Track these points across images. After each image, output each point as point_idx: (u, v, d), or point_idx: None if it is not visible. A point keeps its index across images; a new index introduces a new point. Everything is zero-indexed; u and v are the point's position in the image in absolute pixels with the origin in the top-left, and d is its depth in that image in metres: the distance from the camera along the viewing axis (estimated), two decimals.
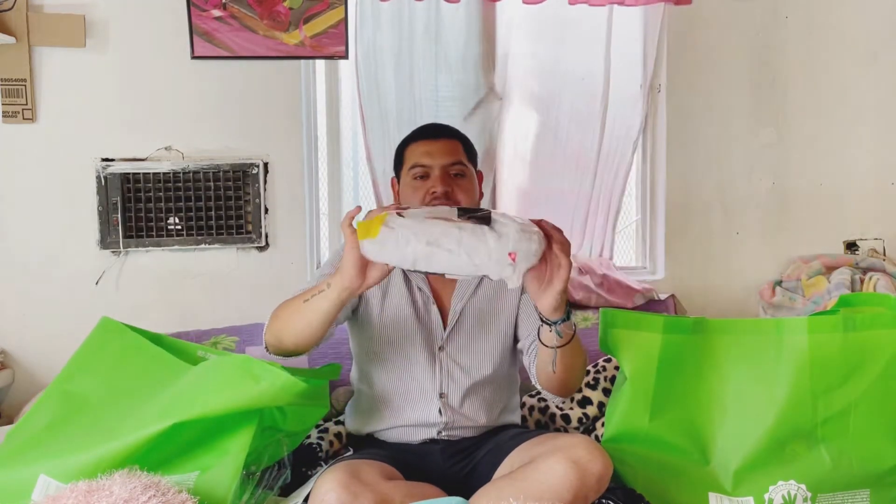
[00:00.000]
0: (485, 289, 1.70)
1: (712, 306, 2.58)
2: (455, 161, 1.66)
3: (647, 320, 1.57)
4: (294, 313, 1.46)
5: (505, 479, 1.40)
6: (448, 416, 1.64)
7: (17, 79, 2.26)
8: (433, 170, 1.64)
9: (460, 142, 1.71)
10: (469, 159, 1.70)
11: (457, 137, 1.72)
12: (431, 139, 1.68)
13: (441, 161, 1.64)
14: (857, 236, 2.65)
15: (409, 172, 1.67)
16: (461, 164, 1.66)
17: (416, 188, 1.65)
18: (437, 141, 1.68)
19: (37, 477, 1.36)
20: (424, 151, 1.66)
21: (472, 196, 1.67)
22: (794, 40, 2.58)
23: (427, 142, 1.68)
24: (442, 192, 1.61)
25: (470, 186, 1.67)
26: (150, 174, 2.33)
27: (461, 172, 1.66)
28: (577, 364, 1.53)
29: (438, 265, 1.32)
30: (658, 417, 1.57)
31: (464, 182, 1.66)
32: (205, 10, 2.29)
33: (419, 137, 1.70)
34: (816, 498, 1.49)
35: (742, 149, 2.60)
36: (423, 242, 1.30)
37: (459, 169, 1.66)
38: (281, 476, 1.48)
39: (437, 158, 1.65)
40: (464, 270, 1.32)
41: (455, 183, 1.64)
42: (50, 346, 2.25)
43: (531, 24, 2.45)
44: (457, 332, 1.67)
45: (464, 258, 1.30)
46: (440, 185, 1.62)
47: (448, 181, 1.63)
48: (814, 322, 1.51)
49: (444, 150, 1.66)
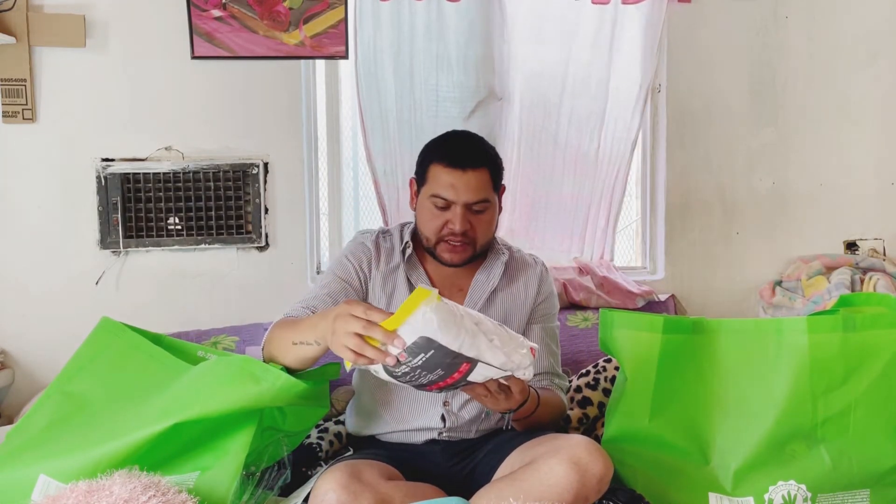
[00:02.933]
0: (497, 305, 1.69)
1: (712, 306, 2.58)
2: (480, 199, 1.59)
3: (646, 320, 1.57)
4: (283, 350, 1.44)
5: (505, 480, 1.40)
6: (451, 421, 1.64)
7: (17, 79, 2.26)
8: (456, 206, 1.59)
9: (488, 168, 1.61)
10: (495, 187, 1.64)
11: (485, 164, 1.61)
12: (459, 169, 1.58)
13: (465, 198, 1.58)
14: (857, 236, 2.65)
15: (430, 199, 1.61)
16: (485, 202, 1.61)
17: (435, 216, 1.61)
18: (464, 172, 1.57)
19: (37, 477, 1.36)
20: (449, 183, 1.57)
21: (491, 227, 1.65)
22: (794, 40, 2.58)
23: (453, 171, 1.58)
24: (460, 232, 1.58)
25: (489, 220, 1.63)
26: (150, 174, 2.33)
27: (484, 209, 1.61)
28: (542, 422, 1.60)
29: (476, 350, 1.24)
30: (658, 417, 1.57)
31: (484, 217, 1.62)
32: (205, 10, 2.29)
33: (447, 162, 1.59)
34: (816, 498, 1.49)
35: (742, 149, 2.60)
36: (472, 322, 1.25)
37: (483, 206, 1.61)
38: (281, 476, 1.48)
39: (462, 195, 1.57)
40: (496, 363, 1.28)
41: (475, 219, 1.61)
42: (50, 346, 2.25)
43: (532, 24, 2.45)
44: None
45: (500, 352, 1.27)
46: (459, 224, 1.58)
47: (468, 220, 1.59)
48: (814, 322, 1.51)
49: (470, 185, 1.57)
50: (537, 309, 1.73)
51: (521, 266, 1.74)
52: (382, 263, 1.68)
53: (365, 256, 1.68)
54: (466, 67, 2.41)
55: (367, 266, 1.68)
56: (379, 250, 1.70)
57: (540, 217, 2.53)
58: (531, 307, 1.72)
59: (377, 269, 1.68)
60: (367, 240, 1.71)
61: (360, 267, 1.67)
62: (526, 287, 1.72)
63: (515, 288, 1.71)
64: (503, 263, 1.70)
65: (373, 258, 1.68)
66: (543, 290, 1.74)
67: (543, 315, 1.74)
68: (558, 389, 1.70)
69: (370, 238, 1.71)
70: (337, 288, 1.63)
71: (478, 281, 1.69)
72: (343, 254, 1.71)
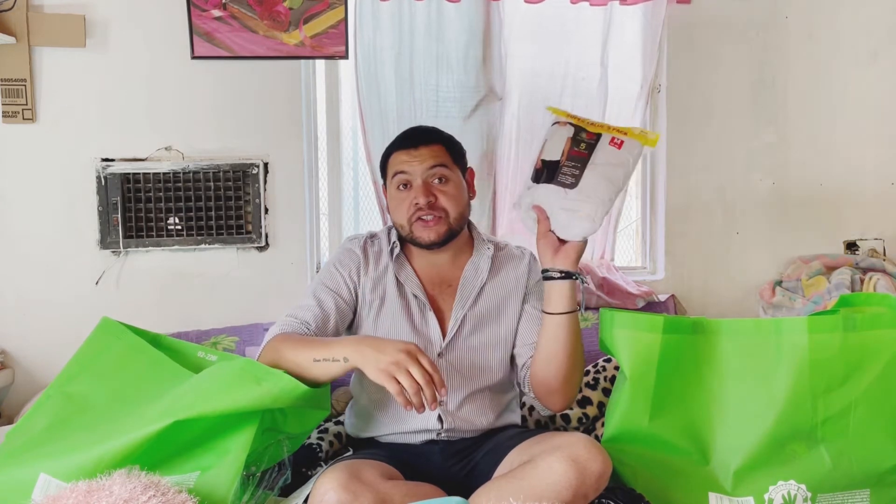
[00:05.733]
0: (487, 296, 1.70)
1: (712, 306, 2.58)
2: (435, 164, 1.63)
3: (646, 320, 1.57)
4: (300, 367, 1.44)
5: (504, 478, 1.40)
6: (448, 422, 1.64)
7: (17, 79, 2.26)
8: (415, 178, 1.63)
9: (442, 144, 1.67)
10: (455, 160, 1.68)
11: (438, 141, 1.68)
12: (411, 148, 1.65)
13: (421, 167, 1.63)
14: (857, 236, 2.65)
15: (393, 182, 1.67)
16: (443, 168, 1.64)
17: (401, 200, 1.64)
18: (417, 149, 1.65)
19: (37, 476, 1.36)
20: (404, 160, 1.65)
21: (459, 200, 1.66)
22: (794, 40, 2.58)
23: (407, 150, 1.65)
24: (425, 203, 1.61)
25: (455, 192, 1.65)
26: (150, 174, 2.33)
27: (444, 177, 1.64)
28: (578, 353, 1.57)
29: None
30: (658, 417, 1.56)
31: (448, 188, 1.64)
32: (205, 10, 2.29)
33: (400, 146, 1.68)
34: (816, 498, 1.49)
35: (742, 149, 2.60)
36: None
37: (441, 173, 1.64)
38: (281, 477, 1.48)
39: (416, 166, 1.63)
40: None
41: (438, 190, 1.63)
42: (50, 346, 2.25)
43: (532, 24, 2.45)
44: (457, 339, 1.67)
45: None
46: (422, 195, 1.61)
47: (430, 190, 1.62)
48: (814, 322, 1.51)
49: (424, 156, 1.64)
50: (531, 291, 1.73)
51: (508, 257, 1.75)
52: (371, 268, 1.69)
53: (353, 264, 1.69)
54: (466, 67, 2.41)
55: (357, 273, 1.69)
56: (367, 255, 1.71)
57: None
58: (524, 290, 1.72)
59: (366, 275, 1.69)
60: (354, 246, 1.72)
61: (349, 276, 1.68)
62: (516, 274, 1.73)
63: (504, 276, 1.72)
64: (489, 258, 1.71)
65: (361, 264, 1.69)
66: (534, 275, 1.74)
67: (537, 295, 1.72)
68: None
69: (358, 244, 1.73)
70: (326, 298, 1.64)
71: (467, 276, 1.70)
72: (331, 262, 1.71)
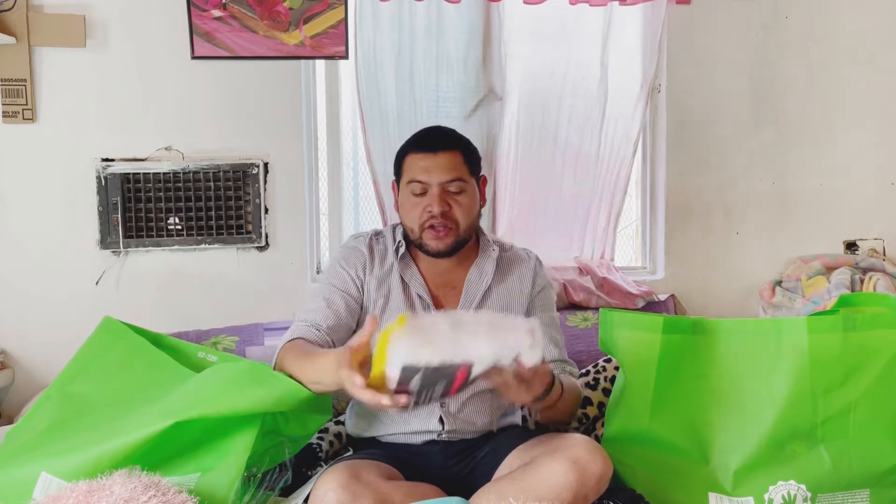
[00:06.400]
0: (492, 300, 1.70)
1: (712, 306, 2.58)
2: (454, 178, 1.63)
3: (646, 320, 1.57)
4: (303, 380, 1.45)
5: (505, 479, 1.40)
6: (450, 423, 1.64)
7: (17, 79, 2.26)
8: (431, 187, 1.62)
9: (461, 151, 1.66)
10: (470, 170, 1.67)
11: (457, 147, 1.66)
12: (430, 152, 1.63)
13: (439, 178, 1.62)
14: (857, 236, 2.65)
15: (408, 187, 1.65)
16: (460, 181, 1.63)
17: (414, 205, 1.64)
18: (436, 155, 1.63)
19: (38, 476, 1.36)
20: (423, 167, 1.63)
21: (471, 211, 1.66)
22: (794, 40, 2.58)
23: (426, 155, 1.63)
24: (439, 213, 1.61)
25: (469, 203, 1.65)
26: (150, 174, 2.33)
27: (461, 189, 1.64)
28: (566, 410, 1.59)
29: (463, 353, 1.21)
30: (658, 417, 1.57)
31: (462, 199, 1.64)
32: (205, 10, 2.29)
33: (418, 148, 1.66)
34: (816, 498, 1.49)
35: (742, 149, 2.60)
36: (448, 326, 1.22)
37: (459, 186, 1.63)
38: (282, 478, 1.48)
39: (434, 175, 1.62)
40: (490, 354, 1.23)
41: (454, 200, 1.63)
42: (50, 346, 2.24)
43: (532, 24, 2.45)
44: None
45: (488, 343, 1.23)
46: (437, 205, 1.61)
47: (446, 200, 1.62)
48: (814, 322, 1.51)
49: (442, 165, 1.62)
50: (535, 300, 1.73)
51: (513, 261, 1.75)
52: (377, 267, 1.69)
53: (359, 262, 1.69)
54: (466, 67, 2.41)
55: (363, 271, 1.69)
56: (373, 253, 1.71)
57: (540, 216, 2.53)
58: (528, 299, 1.73)
59: (371, 274, 1.69)
60: (360, 244, 1.72)
61: (355, 274, 1.68)
62: (521, 280, 1.73)
63: (510, 282, 1.72)
64: (494, 260, 1.71)
65: (367, 262, 1.69)
66: (538, 282, 1.74)
67: (542, 305, 1.74)
68: (570, 375, 1.70)
69: (363, 242, 1.72)
70: (336, 298, 1.64)
71: (471, 279, 1.70)
72: (337, 260, 1.71)
